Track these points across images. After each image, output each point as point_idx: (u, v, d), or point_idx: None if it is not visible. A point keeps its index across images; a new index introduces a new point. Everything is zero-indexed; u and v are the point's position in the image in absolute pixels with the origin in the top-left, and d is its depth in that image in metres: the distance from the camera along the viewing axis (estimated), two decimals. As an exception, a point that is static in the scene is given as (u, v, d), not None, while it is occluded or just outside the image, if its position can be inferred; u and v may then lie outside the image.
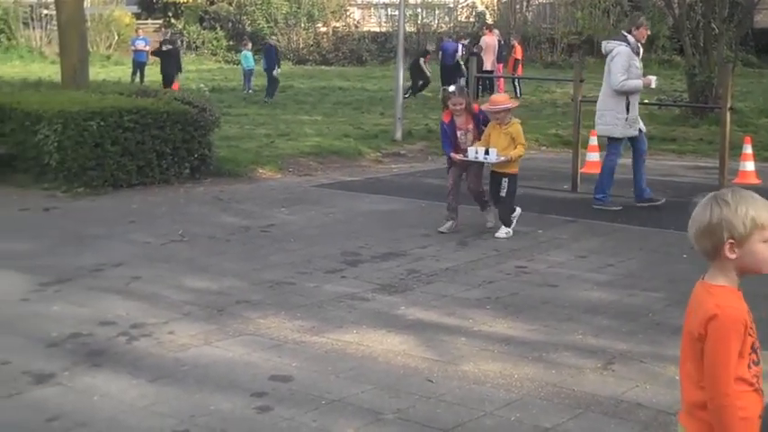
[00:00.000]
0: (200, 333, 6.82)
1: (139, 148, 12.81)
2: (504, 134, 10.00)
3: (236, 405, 5.49)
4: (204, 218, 11.07)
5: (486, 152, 9.93)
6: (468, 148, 10.11)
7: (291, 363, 6.21)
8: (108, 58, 41.79)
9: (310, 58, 44.23)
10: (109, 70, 33.47)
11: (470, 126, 10.32)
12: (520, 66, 29.05)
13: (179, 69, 27.20)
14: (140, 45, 30.57)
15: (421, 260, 9.05)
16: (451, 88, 10.52)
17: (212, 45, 46.78)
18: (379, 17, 50.54)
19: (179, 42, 36.02)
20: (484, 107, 10.27)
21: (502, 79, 28.53)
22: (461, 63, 27.70)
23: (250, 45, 30.26)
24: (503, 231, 10.07)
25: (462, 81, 22.95)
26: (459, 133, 10.29)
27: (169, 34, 38.70)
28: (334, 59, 45.27)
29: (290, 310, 7.37)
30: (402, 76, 18.02)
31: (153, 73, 31.33)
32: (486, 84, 27.15)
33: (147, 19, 49.11)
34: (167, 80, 25.96)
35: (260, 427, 5.20)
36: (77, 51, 15.72)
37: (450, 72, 27.13)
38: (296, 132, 18.51)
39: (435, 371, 6.07)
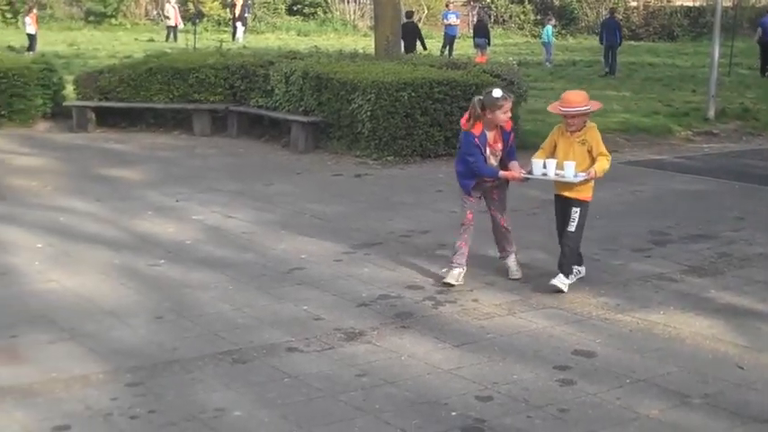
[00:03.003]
0: (503, 303, 6.89)
1: (448, 119, 13.03)
2: (577, 143, 7.45)
3: (538, 376, 5.51)
4: (508, 190, 11.07)
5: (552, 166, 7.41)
6: (534, 161, 7.46)
7: (595, 339, 6.15)
8: (418, 31, 42.71)
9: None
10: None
11: (499, 146, 7.62)
12: None
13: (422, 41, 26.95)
14: (452, 19, 31.19)
15: (733, 243, 8.68)
16: (497, 91, 7.38)
17: (519, 19, 46.85)
18: (694, -9, 48.63)
19: (486, 17, 36.35)
20: (550, 108, 7.64)
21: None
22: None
23: (553, 21, 30.82)
24: (560, 281, 7.22)
25: None
26: (487, 151, 7.60)
27: (477, 8, 39.12)
28: (644, 35, 44.20)
29: (594, 286, 7.30)
30: (717, 53, 17.26)
31: (462, 46, 31.80)
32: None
33: (455, -7, 49.84)
34: None
35: (562, 399, 5.18)
36: (390, 24, 16.18)
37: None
38: (603, 108, 18.14)
39: (746, 358, 5.83)
